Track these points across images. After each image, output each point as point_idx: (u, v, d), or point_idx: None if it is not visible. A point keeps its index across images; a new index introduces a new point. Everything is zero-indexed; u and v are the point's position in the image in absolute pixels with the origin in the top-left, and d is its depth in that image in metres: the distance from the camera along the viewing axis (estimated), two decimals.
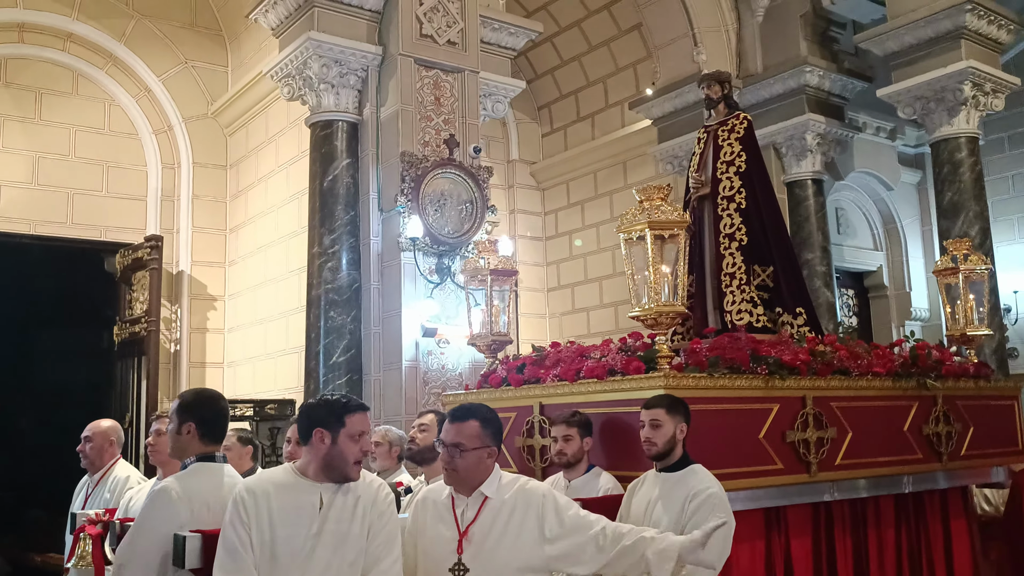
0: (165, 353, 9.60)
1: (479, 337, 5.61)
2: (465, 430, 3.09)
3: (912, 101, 9.16)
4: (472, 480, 3.09)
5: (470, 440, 3.07)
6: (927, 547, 5.09)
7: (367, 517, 2.88)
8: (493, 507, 3.08)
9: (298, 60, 7.57)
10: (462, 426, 3.10)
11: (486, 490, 3.10)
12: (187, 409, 3.21)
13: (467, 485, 3.10)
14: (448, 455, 3.08)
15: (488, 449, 3.11)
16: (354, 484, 2.91)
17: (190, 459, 3.17)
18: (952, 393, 5.29)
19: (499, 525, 3.06)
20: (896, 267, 11.38)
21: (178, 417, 3.20)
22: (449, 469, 3.09)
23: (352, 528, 2.84)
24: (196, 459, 3.17)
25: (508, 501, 3.10)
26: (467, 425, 3.10)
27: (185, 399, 3.28)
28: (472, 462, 3.07)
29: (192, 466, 3.15)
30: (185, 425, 3.18)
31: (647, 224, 4.29)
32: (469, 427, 3.10)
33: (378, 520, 2.91)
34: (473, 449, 3.07)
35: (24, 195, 9.26)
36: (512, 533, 3.06)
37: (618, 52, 11.35)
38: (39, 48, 9.47)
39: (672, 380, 4.08)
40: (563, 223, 12.18)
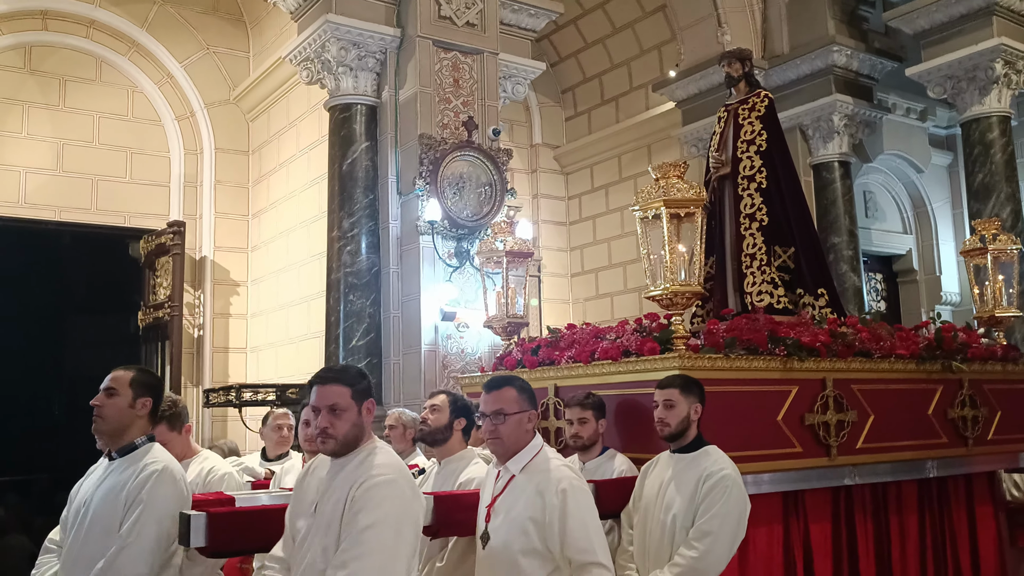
0: (188, 338, 9.67)
1: (495, 319, 5.57)
2: (504, 396, 3.15)
3: (943, 80, 8.96)
4: (515, 445, 3.14)
5: (510, 405, 3.14)
6: (951, 534, 4.98)
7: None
8: (518, 483, 3.10)
9: (316, 43, 7.54)
10: (500, 393, 3.17)
11: (513, 466, 3.13)
12: (144, 385, 3.19)
13: (510, 451, 3.14)
14: (491, 424, 3.13)
15: (528, 413, 3.16)
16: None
17: (142, 438, 3.15)
18: (979, 376, 5.17)
19: (514, 502, 3.07)
20: (926, 251, 11.16)
21: (133, 391, 3.15)
22: (493, 438, 3.14)
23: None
24: (148, 439, 3.17)
25: (530, 481, 3.07)
26: (505, 391, 3.16)
27: (143, 376, 3.23)
28: (513, 426, 3.13)
29: (157, 445, 3.15)
30: (141, 400, 3.15)
31: (663, 202, 4.21)
32: (507, 393, 3.15)
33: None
34: (514, 413, 3.13)
35: (49, 182, 9.34)
36: (521, 514, 3.03)
37: (642, 34, 11.21)
38: (63, 35, 9.54)
39: (687, 361, 4.01)
40: (587, 208, 12.08)
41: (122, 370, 3.20)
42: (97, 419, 3.11)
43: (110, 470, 3.10)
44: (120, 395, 3.13)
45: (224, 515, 2.97)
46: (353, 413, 2.70)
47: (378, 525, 2.52)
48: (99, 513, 2.99)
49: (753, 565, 4.10)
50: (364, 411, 2.73)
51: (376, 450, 2.73)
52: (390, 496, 2.57)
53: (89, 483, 3.15)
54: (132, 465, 3.06)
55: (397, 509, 2.57)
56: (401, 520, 2.57)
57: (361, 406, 2.73)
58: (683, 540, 3.40)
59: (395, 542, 2.54)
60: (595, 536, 3.00)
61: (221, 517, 2.95)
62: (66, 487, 9.68)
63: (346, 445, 2.71)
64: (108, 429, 3.11)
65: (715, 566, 3.35)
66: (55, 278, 11.65)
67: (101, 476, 3.11)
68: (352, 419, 2.70)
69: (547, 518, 2.98)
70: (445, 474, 3.81)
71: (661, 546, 3.47)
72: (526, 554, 2.99)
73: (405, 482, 2.66)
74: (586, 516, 3.01)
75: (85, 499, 3.07)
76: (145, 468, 3.02)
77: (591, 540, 2.98)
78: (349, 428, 2.69)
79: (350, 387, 2.72)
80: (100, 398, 3.12)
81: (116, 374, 3.17)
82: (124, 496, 2.97)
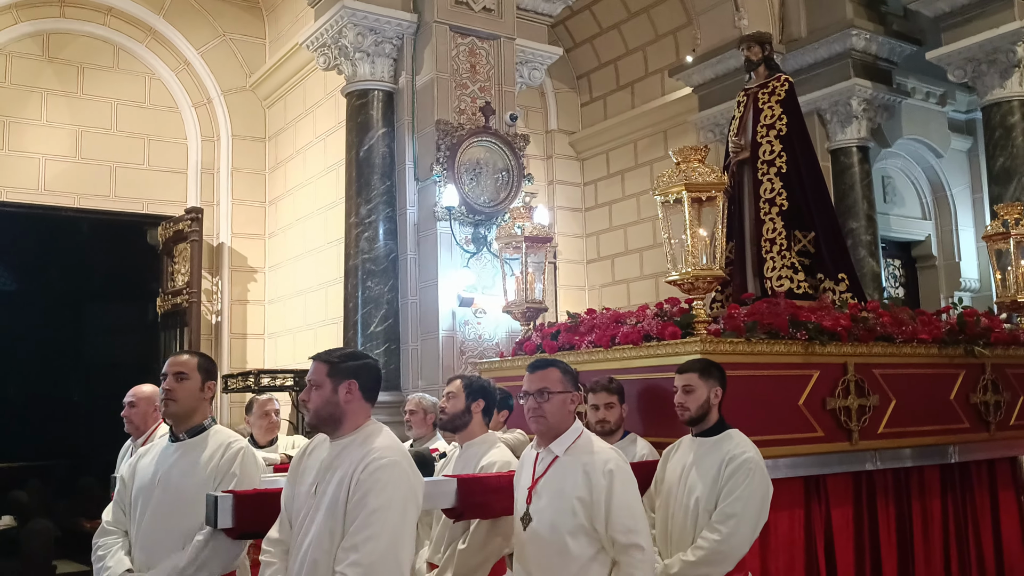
0: (207, 324, 9.73)
1: (514, 304, 5.58)
2: (549, 375, 3.16)
3: (963, 63, 8.86)
4: (559, 424, 3.14)
5: (554, 384, 3.14)
6: (974, 519, 4.97)
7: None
8: (563, 464, 3.11)
9: (333, 29, 7.54)
10: (544, 373, 3.17)
11: (556, 447, 3.14)
12: (209, 370, 3.33)
13: (553, 430, 3.15)
14: (535, 402, 3.14)
15: (572, 394, 3.17)
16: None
17: (208, 419, 3.32)
18: (1001, 361, 5.15)
19: (560, 483, 3.07)
20: (945, 236, 11.07)
21: (201, 376, 3.29)
22: (537, 416, 3.15)
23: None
24: (212, 420, 3.34)
25: (576, 461, 3.08)
26: (549, 371, 3.17)
27: (207, 362, 3.38)
28: (557, 405, 3.13)
29: (222, 426, 3.33)
30: (208, 384, 3.29)
31: (684, 186, 4.21)
32: (551, 373, 3.17)
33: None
34: (558, 392, 3.14)
35: (68, 169, 9.40)
36: (568, 495, 3.03)
37: (658, 19, 11.15)
38: (80, 23, 9.58)
39: (709, 345, 4.01)
40: (602, 194, 12.05)
41: (187, 355, 3.33)
42: (169, 402, 3.23)
43: (179, 450, 3.23)
44: (190, 379, 3.25)
45: (251, 496, 3.00)
46: (327, 390, 2.77)
47: (385, 508, 2.60)
48: (182, 489, 3.13)
49: (775, 549, 4.11)
50: (342, 390, 2.78)
51: (376, 432, 2.80)
52: (394, 478, 2.65)
53: (149, 464, 3.26)
54: (207, 445, 3.22)
55: (402, 490, 2.65)
56: (406, 501, 2.66)
57: (338, 384, 2.78)
58: (706, 523, 3.40)
59: (401, 523, 2.63)
60: (639, 518, 3.03)
61: (248, 498, 2.98)
62: (86, 472, 9.75)
63: (322, 420, 2.79)
64: (179, 411, 3.24)
65: (738, 548, 3.35)
66: (74, 265, 11.74)
67: (167, 456, 3.23)
68: (325, 395, 2.77)
69: (594, 498, 2.99)
70: (466, 458, 3.81)
71: (684, 529, 3.47)
72: (574, 534, 2.99)
73: (407, 464, 2.74)
74: (631, 498, 3.04)
75: (152, 479, 3.18)
76: (230, 447, 3.22)
77: (636, 521, 3.00)
78: (322, 404, 2.77)
79: (327, 364, 2.81)
80: (170, 382, 3.23)
81: (184, 359, 3.30)
82: (210, 471, 3.16)
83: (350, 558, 2.55)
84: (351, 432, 2.79)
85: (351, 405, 2.78)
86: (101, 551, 3.19)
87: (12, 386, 11.79)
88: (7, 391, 11.69)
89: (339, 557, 2.59)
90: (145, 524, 3.15)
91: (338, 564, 2.57)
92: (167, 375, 3.25)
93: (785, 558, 4.16)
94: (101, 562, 3.16)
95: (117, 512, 3.29)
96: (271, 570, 2.80)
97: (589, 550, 2.99)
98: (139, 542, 3.16)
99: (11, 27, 9.22)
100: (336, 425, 2.79)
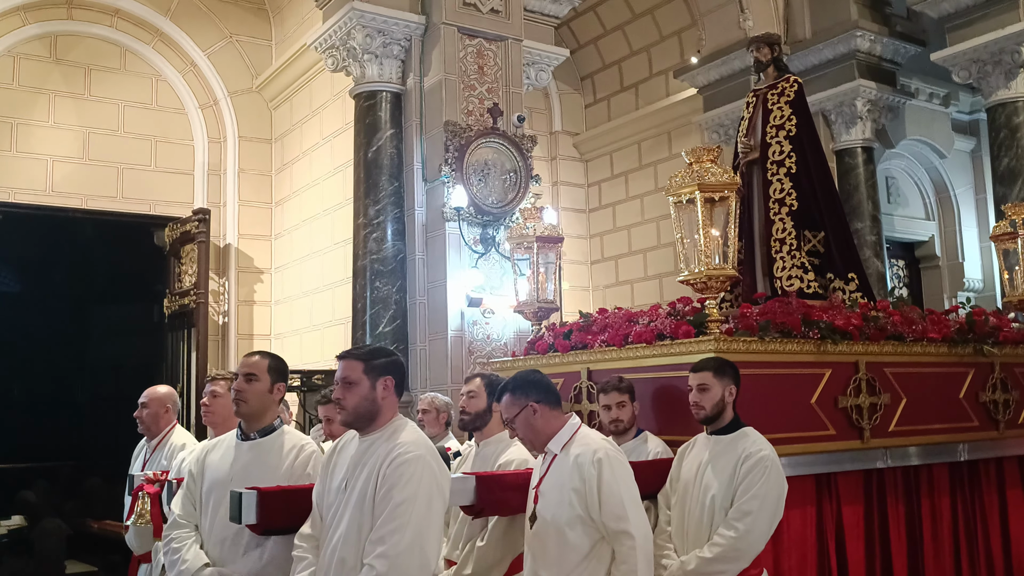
0: (214, 325, 9.76)
1: (525, 304, 5.60)
2: (504, 404, 3.31)
3: (967, 64, 8.89)
4: (538, 436, 3.26)
5: (510, 409, 3.28)
6: (982, 517, 4.99)
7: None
8: (559, 461, 3.21)
9: (341, 31, 7.57)
10: (503, 403, 3.33)
11: (553, 447, 3.24)
12: (279, 371, 3.36)
13: (537, 442, 3.28)
14: (511, 429, 3.33)
15: (530, 407, 3.24)
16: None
17: (277, 420, 3.34)
18: (1010, 360, 5.18)
19: (557, 479, 3.17)
20: (949, 237, 11.09)
21: (271, 377, 3.31)
22: (521, 439, 3.35)
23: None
24: (280, 421, 3.36)
25: (569, 455, 3.18)
26: (504, 400, 3.31)
27: (278, 363, 3.40)
28: (523, 424, 3.26)
29: (289, 427, 3.41)
30: (277, 385, 3.31)
31: (697, 186, 4.23)
32: (505, 400, 3.30)
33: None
34: (517, 415, 3.25)
35: (75, 170, 9.43)
36: (564, 488, 3.12)
37: (662, 20, 11.18)
38: (87, 24, 9.62)
39: (722, 344, 4.04)
40: (606, 195, 12.08)
41: (257, 356, 3.37)
42: (240, 403, 3.26)
43: (252, 450, 3.26)
44: (260, 380, 3.28)
45: (274, 493, 3.03)
46: (364, 387, 2.80)
47: (411, 500, 2.64)
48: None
49: (787, 547, 4.14)
50: (379, 386, 2.81)
51: (402, 427, 2.84)
52: (420, 472, 2.69)
53: (220, 460, 3.30)
54: (281, 445, 3.27)
55: (427, 484, 2.69)
56: (431, 494, 2.70)
57: (375, 381, 2.81)
58: (722, 520, 3.43)
59: (427, 516, 2.67)
60: (629, 505, 3.08)
61: (272, 495, 3.01)
62: (92, 473, 9.75)
63: (359, 417, 2.82)
64: (249, 412, 3.27)
65: (755, 545, 3.38)
66: (80, 266, 11.77)
67: (240, 455, 3.27)
68: (363, 392, 2.80)
69: (587, 487, 3.09)
70: (484, 456, 3.85)
71: (700, 526, 3.50)
72: (572, 525, 3.08)
73: (432, 457, 2.77)
74: (620, 485, 3.10)
75: (227, 475, 3.22)
76: (303, 449, 3.27)
77: (624, 508, 3.06)
78: (359, 401, 2.80)
79: (363, 362, 2.83)
80: (240, 383, 3.26)
81: (254, 360, 3.33)
82: (285, 471, 3.20)
83: (377, 550, 2.59)
84: (380, 428, 2.82)
85: (387, 401, 2.82)
86: (176, 543, 3.20)
87: (18, 387, 11.81)
88: (13, 392, 11.71)
89: (366, 550, 2.63)
90: (219, 521, 3.16)
91: (365, 556, 2.62)
92: (237, 376, 3.30)
93: (797, 556, 4.19)
94: (177, 554, 3.17)
95: (187, 505, 3.31)
96: (302, 565, 2.84)
97: (588, 540, 3.08)
98: (212, 538, 3.18)
99: (19, 29, 9.26)
100: (371, 421, 2.83)
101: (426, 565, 2.62)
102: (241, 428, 3.32)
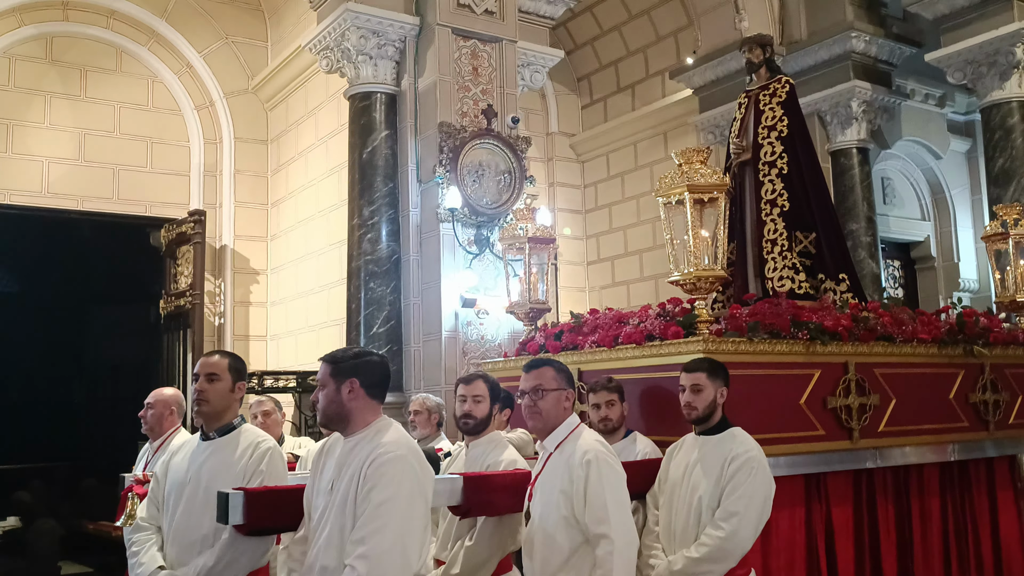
0: (209, 326, 9.76)
1: (518, 305, 5.61)
2: (543, 374, 3.29)
3: (962, 65, 8.91)
4: (553, 421, 3.27)
5: (548, 382, 3.27)
6: (972, 517, 5.01)
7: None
8: (554, 460, 3.23)
9: (336, 32, 7.58)
10: (539, 371, 3.30)
11: (549, 444, 3.26)
12: (239, 371, 3.41)
13: (548, 426, 3.27)
14: (530, 400, 3.27)
15: (566, 392, 3.29)
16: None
17: (238, 419, 3.38)
18: (1000, 361, 5.19)
19: (550, 478, 3.19)
20: (944, 237, 11.12)
21: (232, 376, 3.35)
22: (532, 412, 3.28)
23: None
24: (241, 419, 3.41)
25: (563, 455, 3.19)
26: (544, 370, 3.30)
27: (238, 362, 3.45)
28: (552, 403, 3.26)
29: (249, 424, 3.45)
30: (238, 384, 3.38)
31: (686, 187, 4.25)
32: (546, 371, 3.29)
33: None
34: (552, 390, 3.26)
35: (71, 171, 9.44)
36: (554, 488, 3.14)
37: (658, 21, 11.19)
38: (83, 26, 9.63)
39: (711, 345, 4.05)
40: (603, 195, 12.10)
41: (217, 356, 3.38)
42: (202, 403, 3.28)
43: (210, 449, 3.28)
44: (222, 380, 3.31)
45: (262, 493, 3.04)
46: (331, 389, 2.83)
47: (392, 500, 2.63)
48: (213, 487, 3.15)
49: (776, 547, 4.15)
50: (344, 389, 2.82)
51: (385, 428, 2.84)
52: (401, 472, 2.69)
53: (181, 461, 3.31)
54: (237, 443, 3.27)
55: (409, 484, 2.69)
56: (413, 494, 2.69)
57: (341, 383, 2.83)
58: (709, 520, 3.44)
59: (409, 516, 2.66)
60: (613, 508, 3.07)
61: (259, 495, 3.02)
62: (88, 474, 9.76)
63: (329, 419, 2.86)
64: (211, 412, 3.29)
65: (742, 546, 3.38)
66: (76, 267, 11.78)
67: (199, 454, 3.28)
68: (330, 395, 2.83)
69: (574, 488, 3.09)
70: (473, 456, 3.84)
71: (687, 527, 3.51)
72: (559, 525, 3.09)
73: (414, 457, 2.77)
74: (606, 487, 3.09)
75: (186, 476, 3.24)
76: (259, 446, 3.27)
77: (607, 511, 3.06)
78: (327, 403, 2.84)
79: (330, 364, 2.88)
80: (203, 384, 3.28)
81: (215, 360, 3.35)
82: (240, 469, 3.20)
83: (358, 551, 2.59)
84: (362, 429, 2.83)
85: (356, 403, 2.82)
86: (135, 547, 3.23)
87: (14, 387, 11.83)
88: (9, 392, 11.73)
89: (347, 550, 2.63)
90: (177, 521, 3.19)
91: (346, 557, 2.62)
92: (198, 376, 3.30)
93: (786, 556, 4.20)
94: (135, 558, 3.21)
95: (151, 509, 3.34)
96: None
97: (573, 542, 3.09)
98: (171, 539, 3.20)
99: (15, 30, 9.27)
100: (344, 423, 2.85)
101: (407, 566, 2.62)
102: (202, 429, 3.34)
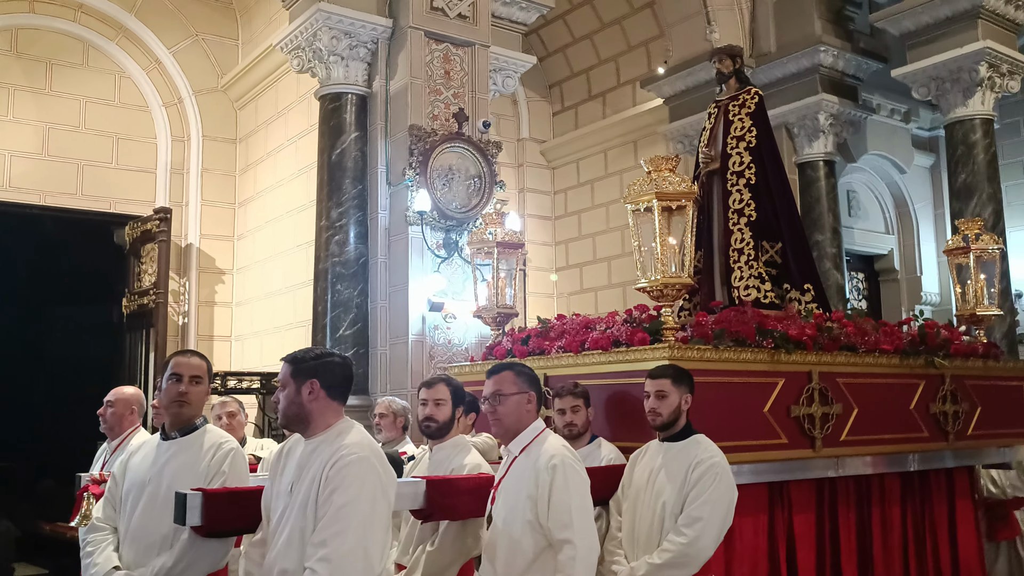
0: (173, 326, 9.63)
1: (485, 309, 5.60)
2: (502, 378, 3.29)
3: (927, 81, 9.07)
4: (515, 425, 3.25)
5: (507, 386, 3.26)
6: (931, 526, 5.07)
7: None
8: (518, 464, 3.22)
9: (308, 32, 7.53)
10: (499, 376, 3.31)
11: (514, 447, 3.25)
12: (211, 372, 3.44)
13: (510, 431, 3.26)
14: (490, 406, 3.26)
15: (527, 394, 3.27)
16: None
17: (201, 419, 3.34)
18: (960, 372, 5.26)
19: (515, 482, 3.18)
20: (908, 251, 11.28)
21: (208, 378, 3.38)
22: (493, 418, 3.27)
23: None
24: (204, 419, 3.37)
25: (528, 459, 3.19)
26: (503, 375, 3.30)
27: (208, 363, 3.46)
28: (512, 407, 3.25)
29: (211, 424, 3.46)
30: (211, 386, 3.46)
31: (655, 195, 4.26)
32: (505, 376, 3.29)
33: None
34: (511, 394, 3.25)
35: (34, 166, 9.28)
36: (519, 492, 3.13)
37: (630, 30, 11.26)
38: (50, 18, 9.47)
39: (677, 351, 4.06)
40: (572, 202, 12.12)
41: (198, 358, 3.37)
42: (184, 404, 3.25)
43: (172, 449, 3.23)
44: (203, 383, 3.31)
45: (220, 494, 3.00)
46: (291, 390, 2.82)
47: (353, 503, 2.61)
48: (175, 487, 3.10)
49: (739, 554, 4.16)
50: (304, 390, 2.80)
51: (347, 430, 2.82)
52: (363, 474, 2.66)
53: (141, 461, 3.26)
54: (200, 444, 3.24)
55: (371, 486, 2.66)
56: (375, 497, 2.67)
57: (301, 384, 2.81)
58: (672, 527, 3.45)
59: (371, 518, 2.63)
60: (576, 513, 3.07)
61: (217, 496, 2.97)
62: (48, 474, 9.56)
63: (289, 420, 2.85)
64: (191, 413, 3.28)
65: (704, 552, 3.40)
66: (38, 263, 11.57)
67: (160, 454, 3.23)
68: (290, 396, 2.82)
69: (539, 492, 3.08)
70: (437, 460, 3.83)
71: (651, 532, 3.52)
72: (523, 530, 3.08)
73: (377, 459, 2.75)
74: (571, 492, 3.09)
75: (146, 476, 3.19)
76: (221, 447, 3.25)
77: (571, 516, 3.06)
78: (287, 404, 2.82)
79: (290, 364, 2.86)
80: (188, 386, 3.25)
81: (199, 363, 3.33)
82: (203, 470, 3.18)
83: (319, 553, 2.56)
84: (323, 431, 2.81)
85: (316, 404, 2.79)
86: (90, 547, 3.17)
87: None
88: None
89: (308, 552, 2.60)
90: (135, 521, 3.14)
91: (307, 559, 2.59)
92: (181, 378, 3.24)
93: (749, 563, 4.22)
94: (89, 558, 3.14)
95: (107, 509, 3.28)
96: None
97: (537, 546, 3.08)
98: (128, 539, 3.15)
99: None
100: (305, 424, 2.82)
101: (369, 568, 2.59)
102: (163, 429, 3.30)
